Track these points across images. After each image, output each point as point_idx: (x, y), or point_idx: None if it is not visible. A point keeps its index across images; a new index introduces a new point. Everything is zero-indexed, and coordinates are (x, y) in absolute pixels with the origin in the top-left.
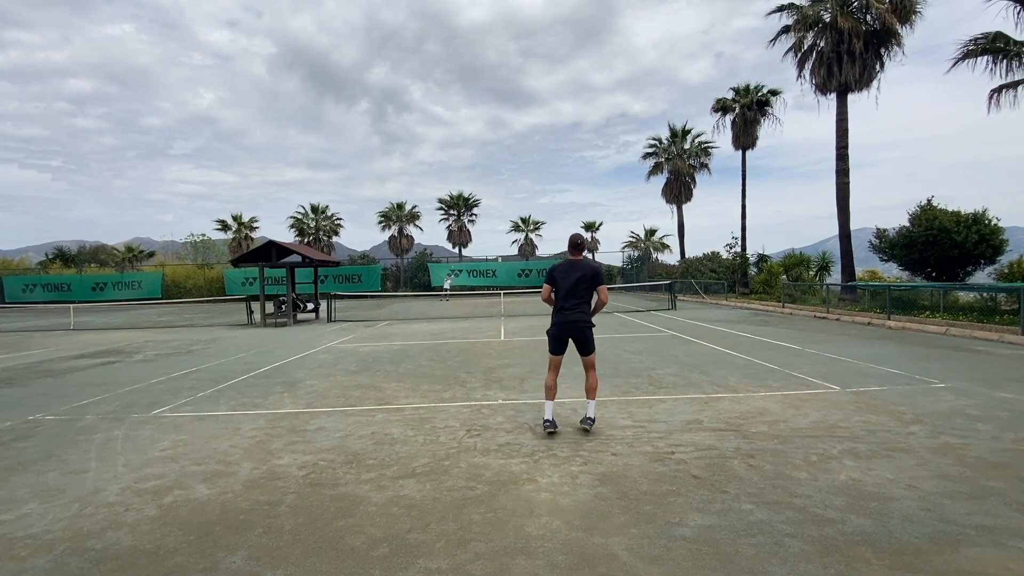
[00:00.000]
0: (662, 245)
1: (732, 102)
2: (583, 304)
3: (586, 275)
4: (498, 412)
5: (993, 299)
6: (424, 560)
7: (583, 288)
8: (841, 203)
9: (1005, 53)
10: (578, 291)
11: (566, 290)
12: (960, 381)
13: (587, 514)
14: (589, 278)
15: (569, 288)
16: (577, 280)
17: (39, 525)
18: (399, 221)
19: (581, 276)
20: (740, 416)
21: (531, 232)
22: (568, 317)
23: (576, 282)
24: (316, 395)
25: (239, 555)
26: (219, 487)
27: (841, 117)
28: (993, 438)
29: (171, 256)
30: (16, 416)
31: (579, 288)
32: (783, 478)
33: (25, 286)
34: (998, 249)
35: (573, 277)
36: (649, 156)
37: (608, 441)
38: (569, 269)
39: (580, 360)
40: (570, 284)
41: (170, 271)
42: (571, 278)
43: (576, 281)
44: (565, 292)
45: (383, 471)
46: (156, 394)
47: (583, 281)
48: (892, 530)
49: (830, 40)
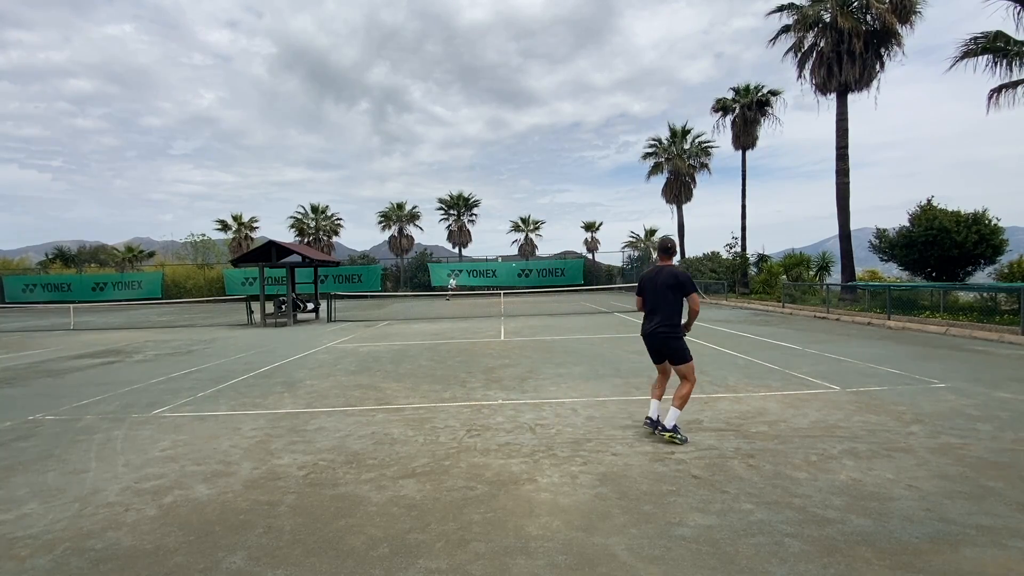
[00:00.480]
0: None
1: (732, 102)
2: (665, 313)
3: (667, 283)
4: (498, 412)
5: (993, 299)
6: (424, 560)
7: (665, 296)
8: (841, 203)
9: (1005, 53)
10: (659, 299)
11: (647, 299)
12: (960, 381)
13: (587, 514)
14: (671, 286)
15: (650, 297)
16: (657, 288)
17: (39, 525)
18: (399, 221)
19: (665, 283)
20: (740, 416)
21: (531, 232)
22: (648, 328)
23: (656, 290)
24: (316, 395)
25: (239, 555)
26: (219, 487)
27: (841, 117)
28: (993, 438)
29: (171, 256)
30: (16, 416)
31: (660, 296)
32: (783, 478)
33: (25, 286)
34: (998, 249)
35: (655, 285)
36: (649, 156)
37: (608, 441)
38: (654, 275)
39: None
40: (650, 292)
41: (170, 271)
42: (653, 286)
43: (656, 289)
44: (647, 301)
45: (383, 471)
46: (156, 394)
47: (664, 289)
48: (892, 530)
49: (830, 40)
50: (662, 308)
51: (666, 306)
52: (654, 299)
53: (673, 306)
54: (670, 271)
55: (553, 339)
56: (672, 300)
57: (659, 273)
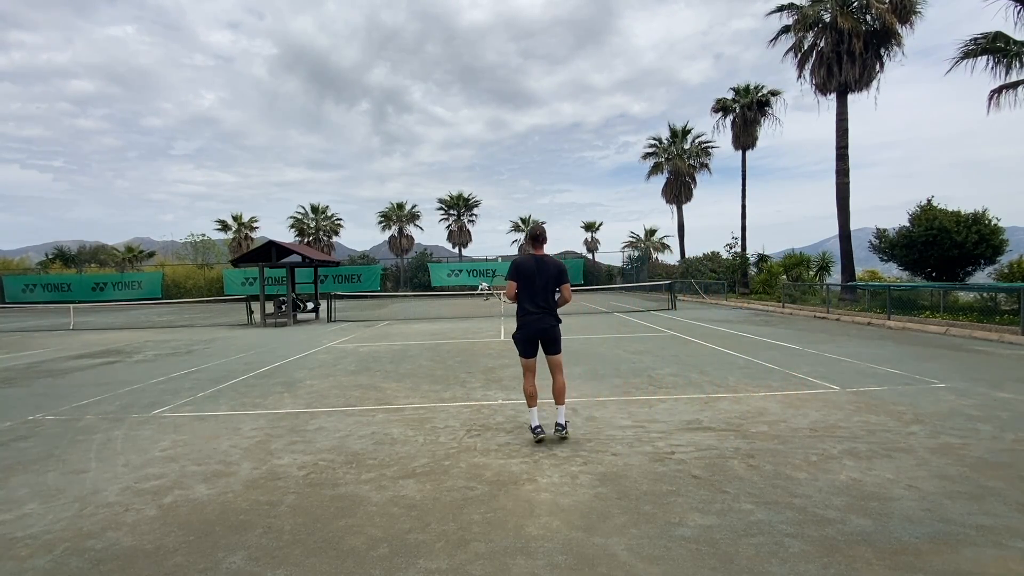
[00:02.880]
0: (662, 245)
1: (732, 102)
2: (548, 302)
3: (551, 272)
4: (498, 412)
5: (993, 299)
6: (424, 560)
7: (549, 285)
8: (841, 203)
9: (1005, 53)
10: (546, 289)
11: (532, 288)
12: (960, 381)
13: (587, 514)
14: (554, 276)
15: (535, 286)
16: (542, 277)
17: (39, 525)
18: (399, 221)
19: (547, 273)
20: (740, 416)
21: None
22: (534, 316)
23: (541, 279)
24: (316, 395)
25: (239, 555)
26: (219, 487)
27: (841, 117)
28: (993, 438)
29: (171, 256)
30: (16, 416)
31: (544, 285)
32: (783, 478)
33: (25, 286)
34: (998, 249)
35: (539, 274)
36: (649, 156)
37: (608, 441)
38: (534, 265)
39: (550, 361)
40: (536, 282)
41: (170, 271)
42: (537, 275)
43: (541, 278)
44: (532, 291)
45: (383, 471)
46: (156, 394)
47: (549, 279)
48: (892, 530)
49: (830, 40)
50: (548, 298)
51: (551, 296)
52: (540, 289)
53: (554, 295)
54: (554, 261)
55: None
56: (554, 289)
57: (542, 262)
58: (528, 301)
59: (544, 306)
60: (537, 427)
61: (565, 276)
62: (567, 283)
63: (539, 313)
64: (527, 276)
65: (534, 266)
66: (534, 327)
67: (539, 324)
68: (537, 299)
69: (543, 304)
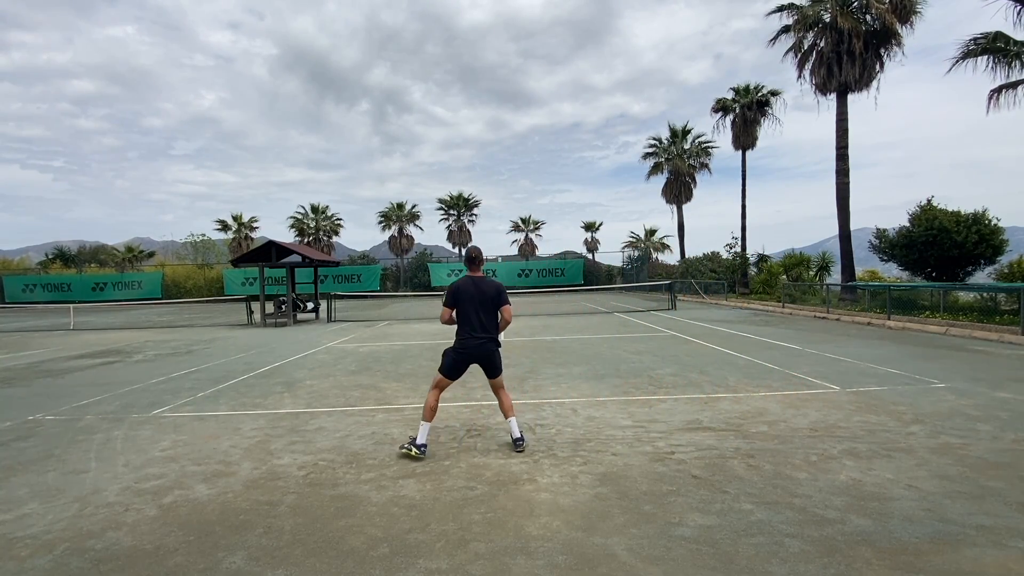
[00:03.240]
0: (662, 245)
1: (732, 102)
2: (491, 326)
3: (490, 294)
4: (498, 412)
5: (993, 299)
6: (424, 560)
7: (489, 308)
8: (841, 203)
9: (1005, 53)
10: (487, 312)
11: (472, 311)
12: (960, 381)
13: (587, 514)
14: (493, 297)
15: (475, 309)
16: (482, 300)
17: (39, 525)
18: (399, 221)
19: (485, 295)
20: (740, 416)
21: (531, 232)
22: (477, 341)
23: (481, 302)
24: (316, 395)
25: (239, 555)
26: (219, 487)
27: (841, 117)
28: (993, 438)
29: (171, 256)
30: (16, 416)
31: (485, 308)
32: (783, 478)
33: (25, 286)
34: (998, 249)
35: (477, 297)
36: (649, 156)
37: (608, 441)
38: (472, 288)
39: (493, 384)
40: (475, 304)
41: (170, 271)
42: (476, 298)
43: (481, 301)
44: (470, 313)
45: (383, 471)
46: (156, 394)
47: (488, 301)
48: (892, 530)
49: (830, 40)
50: (488, 320)
51: (491, 318)
52: (479, 311)
53: (495, 318)
54: (492, 282)
55: (553, 339)
56: (494, 312)
57: (480, 284)
58: (471, 325)
59: (488, 329)
60: (423, 445)
61: (504, 297)
62: (507, 304)
63: (483, 338)
64: (467, 300)
65: (473, 289)
66: (476, 352)
67: (481, 349)
68: (480, 323)
69: (487, 327)
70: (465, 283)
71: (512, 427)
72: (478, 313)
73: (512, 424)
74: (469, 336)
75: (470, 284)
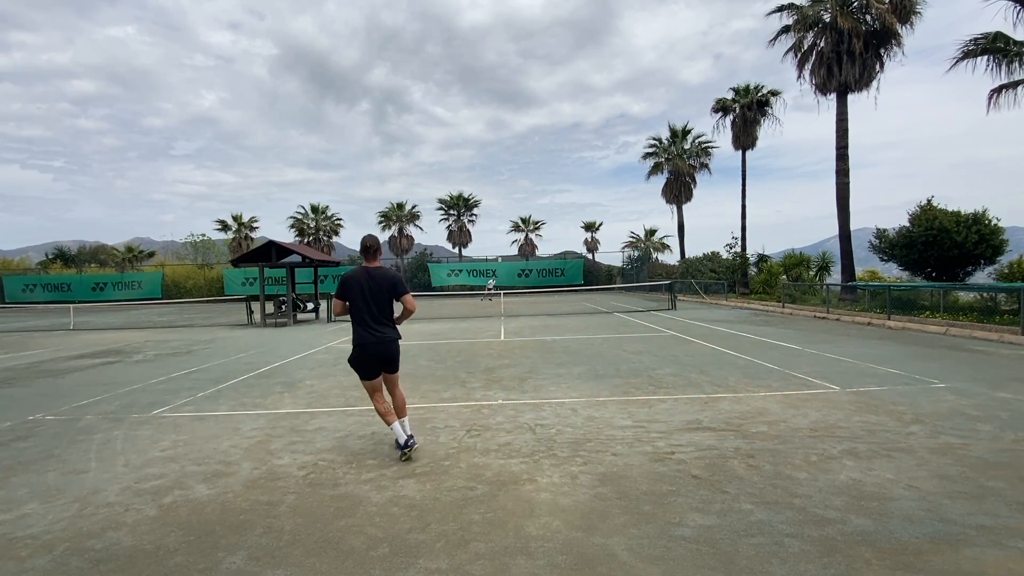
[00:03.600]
0: (662, 245)
1: (732, 102)
2: (385, 319)
3: (384, 286)
4: (498, 412)
5: (993, 299)
6: (424, 560)
7: (384, 300)
8: (841, 203)
9: (1005, 53)
10: (382, 303)
11: (363, 304)
12: (960, 381)
13: (587, 514)
14: (388, 289)
15: (366, 301)
16: (374, 292)
17: (39, 525)
18: (399, 221)
19: (379, 287)
20: (740, 416)
21: (531, 232)
22: (373, 337)
23: (374, 294)
24: (316, 395)
25: (239, 555)
26: (219, 487)
27: (841, 117)
28: (993, 438)
29: (171, 256)
30: (16, 416)
31: (379, 301)
32: (783, 478)
33: (25, 286)
34: (998, 249)
35: (369, 288)
36: (649, 156)
37: (608, 441)
38: (365, 279)
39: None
40: (367, 297)
41: (170, 271)
42: (368, 290)
43: (374, 293)
44: (362, 306)
45: (383, 471)
46: (156, 394)
47: (383, 292)
48: (892, 530)
49: (830, 40)
50: (385, 314)
51: (388, 311)
52: (371, 304)
53: (390, 311)
54: (386, 272)
55: (553, 339)
56: (390, 303)
57: (374, 275)
58: (363, 320)
59: (385, 323)
60: (409, 438)
61: (402, 286)
62: (406, 293)
63: (380, 331)
64: (359, 292)
65: (365, 280)
66: (374, 348)
67: (380, 345)
68: (375, 316)
69: (383, 320)
70: (357, 273)
71: (403, 429)
72: (370, 306)
73: (404, 426)
74: (364, 332)
75: (363, 275)
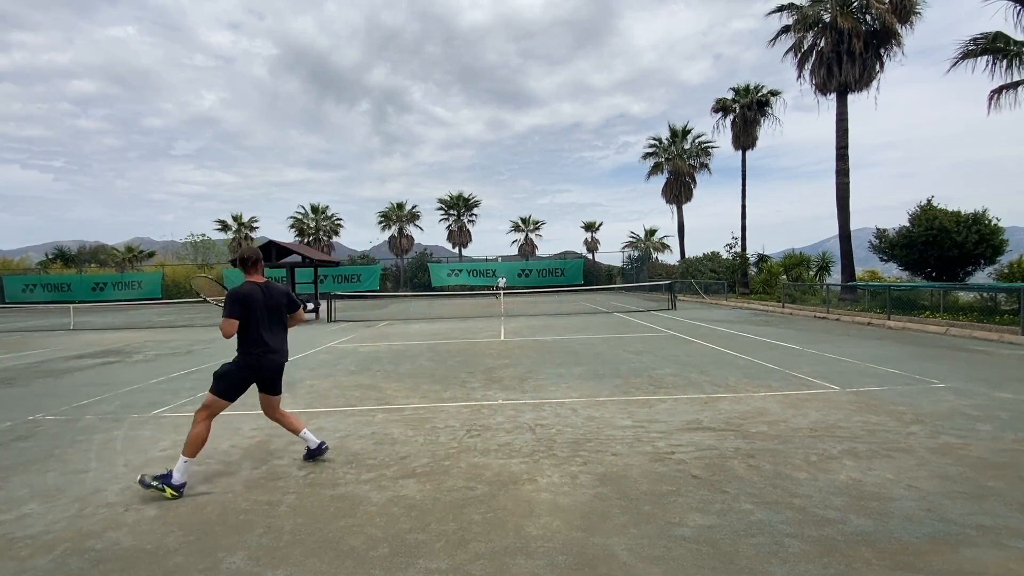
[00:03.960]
0: (662, 245)
1: (732, 102)
2: (283, 338)
3: (282, 302)
4: (498, 412)
5: (993, 299)
6: (424, 560)
7: (280, 318)
8: (841, 203)
9: (1005, 53)
10: (282, 320)
11: (265, 322)
12: (960, 381)
13: (587, 514)
14: (285, 305)
15: (267, 319)
16: (272, 309)
17: (39, 525)
18: (399, 221)
19: (276, 304)
20: (740, 416)
21: (531, 232)
22: (271, 360)
23: (272, 312)
24: (316, 395)
25: (239, 555)
26: (219, 487)
27: (841, 117)
28: (993, 438)
29: (171, 256)
30: (16, 416)
31: (275, 319)
32: (783, 478)
33: (25, 286)
34: (998, 249)
35: (267, 306)
36: (649, 156)
37: (608, 441)
38: (261, 296)
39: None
40: (266, 315)
41: (170, 271)
42: (266, 307)
43: (271, 310)
44: (263, 325)
45: (383, 471)
46: (156, 394)
47: (280, 309)
48: (892, 530)
49: (830, 40)
50: (281, 331)
51: (282, 330)
52: (271, 323)
53: (285, 328)
54: (278, 287)
55: (553, 339)
56: (284, 321)
57: (268, 290)
58: (262, 341)
59: (282, 342)
60: (182, 485)
61: (294, 300)
62: (299, 307)
63: (279, 348)
64: (258, 310)
65: (262, 297)
66: (271, 366)
67: (277, 361)
68: (274, 333)
69: (281, 340)
70: (252, 289)
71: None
72: (271, 325)
73: (307, 434)
74: (263, 353)
75: (258, 291)
